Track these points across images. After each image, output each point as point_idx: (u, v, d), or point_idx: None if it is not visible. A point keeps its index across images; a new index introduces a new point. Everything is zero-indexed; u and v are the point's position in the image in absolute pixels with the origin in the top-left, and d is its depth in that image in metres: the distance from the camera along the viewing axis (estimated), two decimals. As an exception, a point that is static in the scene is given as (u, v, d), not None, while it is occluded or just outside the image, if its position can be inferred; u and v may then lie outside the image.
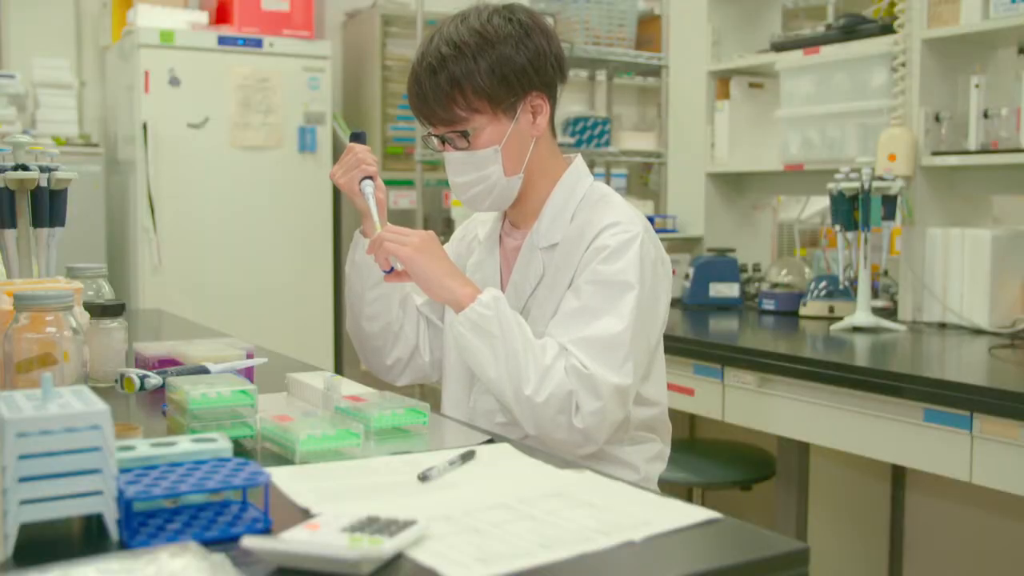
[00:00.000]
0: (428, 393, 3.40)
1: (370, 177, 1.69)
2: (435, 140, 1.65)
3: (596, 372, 1.48)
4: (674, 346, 2.58)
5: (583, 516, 1.00)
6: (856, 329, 2.62)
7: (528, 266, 1.66)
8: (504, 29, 1.58)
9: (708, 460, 2.74)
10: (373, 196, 1.68)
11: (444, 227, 4.36)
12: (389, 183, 1.75)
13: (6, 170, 1.71)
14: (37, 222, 1.76)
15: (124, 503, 0.92)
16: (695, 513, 1.02)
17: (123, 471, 0.96)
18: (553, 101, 1.66)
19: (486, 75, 1.56)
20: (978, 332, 2.57)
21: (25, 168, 1.72)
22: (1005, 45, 2.80)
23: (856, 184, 2.60)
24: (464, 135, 1.60)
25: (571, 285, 1.59)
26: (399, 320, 1.78)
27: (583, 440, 1.51)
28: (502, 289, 1.70)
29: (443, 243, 1.71)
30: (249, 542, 0.88)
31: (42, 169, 1.74)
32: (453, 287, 1.55)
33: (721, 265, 3.16)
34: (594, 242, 1.58)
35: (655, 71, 3.82)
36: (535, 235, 1.66)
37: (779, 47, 3.16)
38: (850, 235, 2.64)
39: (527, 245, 1.67)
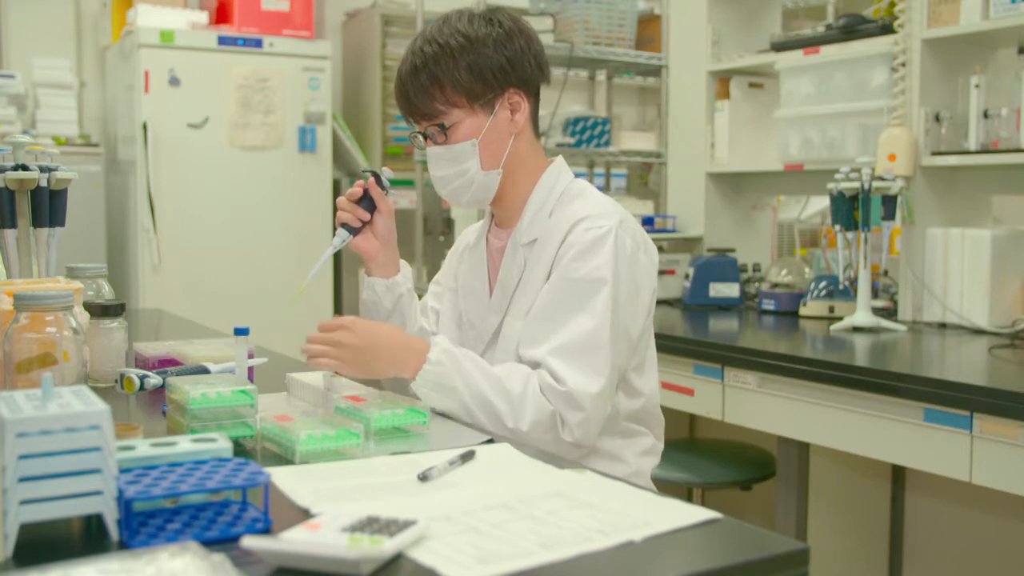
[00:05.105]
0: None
1: (346, 224, 1.70)
2: (420, 138, 1.69)
3: (574, 387, 1.49)
4: (674, 346, 2.59)
5: (583, 516, 1.00)
6: (856, 329, 2.62)
7: (512, 264, 1.68)
8: (484, 30, 1.62)
9: (708, 460, 2.74)
10: (333, 247, 1.68)
11: (444, 227, 4.35)
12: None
13: (6, 170, 1.71)
14: (37, 222, 1.76)
15: (124, 503, 0.92)
16: (695, 513, 1.02)
17: (123, 471, 0.97)
18: (533, 100, 1.69)
19: (464, 72, 1.60)
20: (978, 332, 2.57)
21: (25, 168, 1.72)
22: (1005, 45, 2.80)
23: (856, 184, 2.60)
24: (442, 128, 1.63)
25: (547, 280, 1.60)
26: (424, 335, 1.76)
27: (574, 448, 1.53)
28: (489, 289, 1.72)
29: (446, 244, 1.71)
30: (249, 542, 0.88)
31: (42, 169, 1.74)
32: (396, 357, 1.53)
33: (721, 265, 3.16)
34: (568, 237, 1.60)
35: (655, 71, 3.82)
36: (518, 233, 1.68)
37: (779, 47, 3.16)
38: (850, 235, 2.64)
39: (511, 244, 1.69)
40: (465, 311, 1.76)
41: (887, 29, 2.81)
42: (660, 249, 2.79)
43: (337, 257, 4.46)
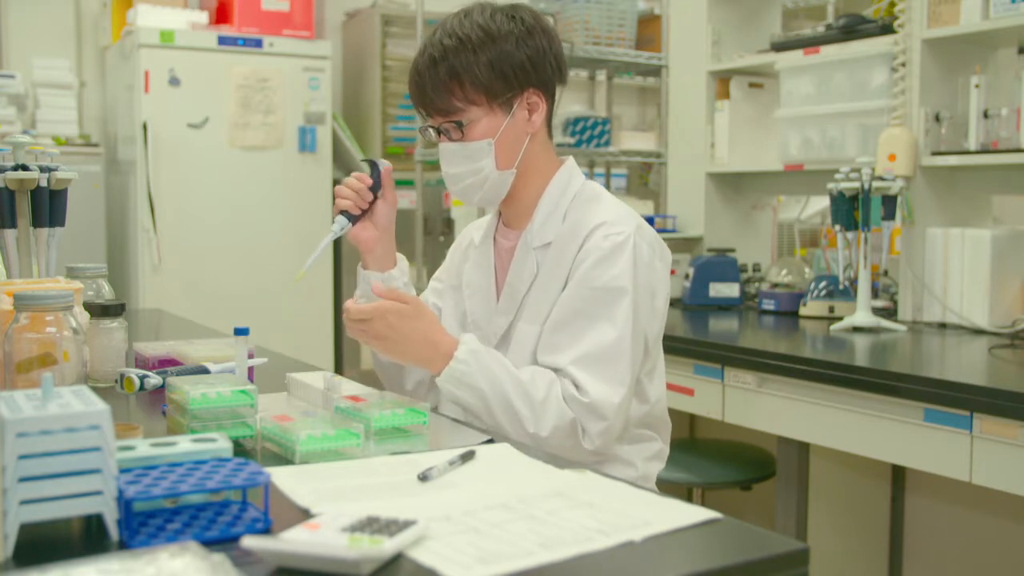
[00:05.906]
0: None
1: (346, 212, 1.65)
2: (431, 132, 1.65)
3: (597, 397, 1.49)
4: (674, 346, 2.58)
5: (583, 516, 1.00)
6: (856, 329, 2.62)
7: (523, 266, 1.66)
8: (506, 26, 1.59)
9: (708, 460, 2.74)
10: (334, 234, 1.64)
11: (444, 227, 4.35)
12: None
13: (6, 170, 1.71)
14: (37, 222, 1.77)
15: (124, 503, 0.92)
16: (695, 513, 1.02)
17: (123, 471, 0.96)
18: (551, 101, 1.67)
19: (485, 68, 1.57)
20: (978, 332, 2.57)
21: (25, 168, 1.72)
22: (1005, 45, 2.80)
23: (856, 184, 2.60)
24: (459, 126, 1.60)
25: (565, 286, 1.59)
26: None
27: (593, 455, 1.54)
28: (497, 290, 1.70)
29: (446, 244, 1.70)
30: (249, 542, 0.88)
31: (42, 169, 1.74)
32: (424, 355, 1.53)
33: (721, 265, 3.16)
34: (586, 243, 1.58)
35: (655, 71, 3.82)
36: (529, 234, 1.66)
37: (779, 47, 3.16)
38: (850, 235, 2.64)
39: (521, 245, 1.67)
40: (470, 311, 1.74)
41: (887, 29, 2.81)
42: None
43: (337, 254, 4.46)
